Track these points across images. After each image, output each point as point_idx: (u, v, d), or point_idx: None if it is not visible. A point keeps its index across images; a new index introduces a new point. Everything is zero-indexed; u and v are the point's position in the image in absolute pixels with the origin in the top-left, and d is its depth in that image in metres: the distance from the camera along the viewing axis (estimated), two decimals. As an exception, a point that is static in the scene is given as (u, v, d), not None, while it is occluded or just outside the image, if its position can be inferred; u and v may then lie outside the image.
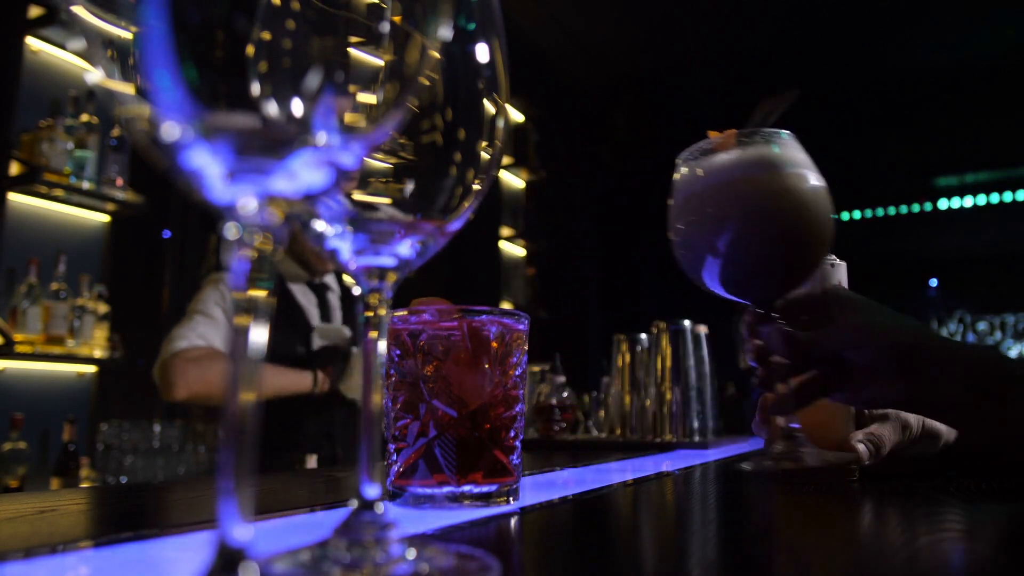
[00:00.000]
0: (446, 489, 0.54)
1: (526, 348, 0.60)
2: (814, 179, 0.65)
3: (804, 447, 0.62)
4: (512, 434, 0.57)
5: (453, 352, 0.55)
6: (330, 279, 2.04)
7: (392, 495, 0.56)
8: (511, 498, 0.56)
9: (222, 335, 1.77)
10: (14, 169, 2.22)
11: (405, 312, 0.57)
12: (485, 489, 0.55)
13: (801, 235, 0.64)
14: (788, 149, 0.66)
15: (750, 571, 0.38)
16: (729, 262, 0.66)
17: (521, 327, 0.59)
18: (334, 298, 2.02)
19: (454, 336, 0.56)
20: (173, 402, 1.76)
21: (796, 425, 0.63)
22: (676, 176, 0.71)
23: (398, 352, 0.56)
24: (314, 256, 1.93)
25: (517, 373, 0.58)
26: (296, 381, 1.80)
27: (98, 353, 2.39)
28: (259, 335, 0.26)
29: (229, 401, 0.26)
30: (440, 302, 0.59)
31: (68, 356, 2.31)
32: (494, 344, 0.57)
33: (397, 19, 0.29)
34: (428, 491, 0.54)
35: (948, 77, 4.93)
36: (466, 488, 0.54)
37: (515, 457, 0.57)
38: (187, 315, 1.82)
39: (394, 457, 0.56)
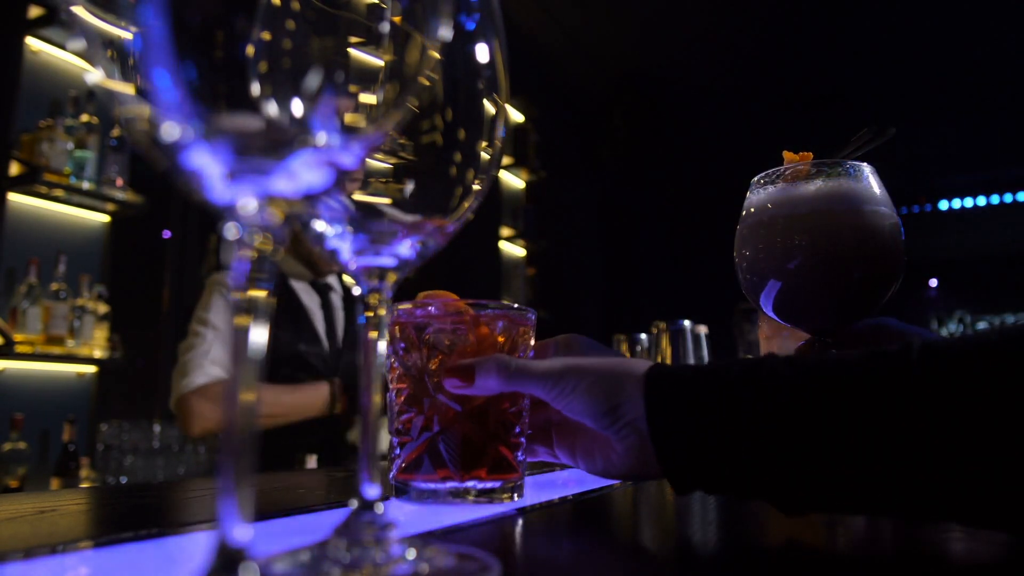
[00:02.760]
0: (450, 484, 0.53)
1: (532, 343, 0.59)
2: (891, 216, 0.64)
3: None
4: (517, 430, 0.56)
5: (458, 346, 0.54)
6: (333, 279, 2.03)
7: (395, 490, 0.55)
8: (515, 495, 0.55)
9: None
10: (14, 169, 2.22)
11: (410, 305, 0.56)
12: (489, 485, 0.54)
13: (874, 273, 0.63)
14: (869, 184, 0.65)
15: (750, 571, 0.38)
16: (794, 292, 0.64)
17: (527, 321, 0.58)
18: (336, 298, 2.02)
19: (460, 330, 0.55)
20: (193, 436, 1.76)
21: None
22: (748, 199, 0.70)
23: (403, 345, 0.55)
24: (320, 257, 1.93)
25: None
26: (313, 403, 1.79)
27: (98, 353, 2.39)
28: (259, 335, 0.26)
29: (229, 402, 0.26)
30: (446, 296, 0.58)
31: (68, 356, 2.31)
32: (500, 338, 0.56)
33: (397, 19, 0.29)
34: (431, 486, 0.53)
35: (948, 77, 4.93)
36: (470, 484, 0.53)
37: (520, 454, 0.56)
38: (195, 330, 1.78)
39: (397, 451, 0.55)
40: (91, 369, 2.52)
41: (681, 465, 0.45)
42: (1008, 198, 5.46)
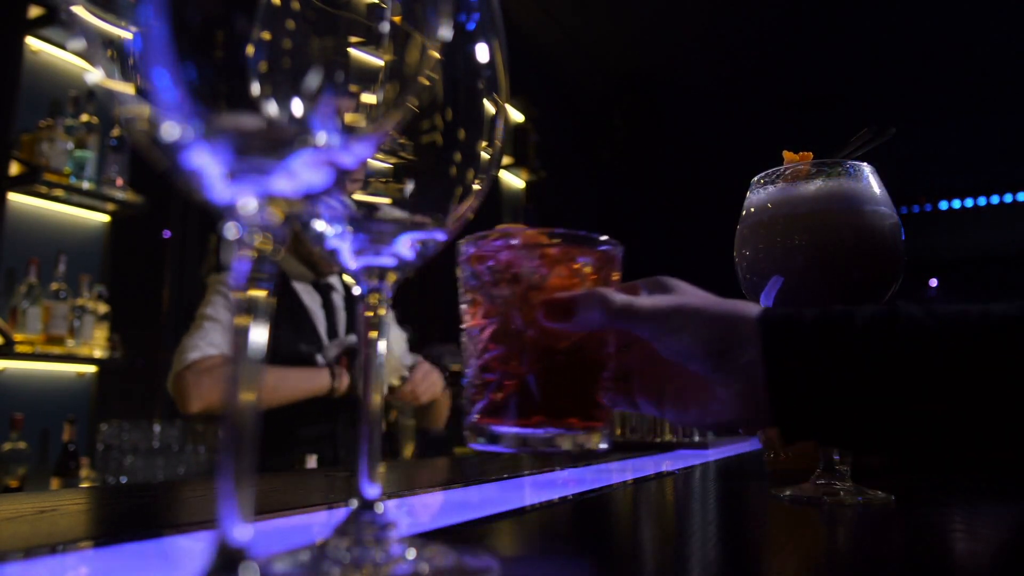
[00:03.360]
0: (543, 430, 0.48)
1: (620, 278, 0.54)
2: (891, 216, 0.64)
3: (844, 481, 0.60)
4: (606, 374, 0.51)
5: (551, 280, 0.49)
6: (335, 279, 2.04)
7: (474, 435, 0.50)
8: (604, 443, 0.50)
9: None
10: (14, 169, 2.22)
11: (495, 235, 0.51)
12: (582, 432, 0.49)
13: (874, 273, 0.63)
14: (869, 184, 0.65)
15: (750, 571, 0.38)
16: (795, 292, 0.64)
17: (616, 257, 0.53)
18: (338, 298, 2.02)
19: (552, 263, 0.50)
20: (189, 415, 1.74)
21: (837, 456, 0.62)
22: (748, 199, 0.69)
23: (490, 278, 0.50)
24: (321, 257, 1.93)
25: None
26: (313, 380, 1.79)
27: (98, 353, 2.39)
28: (259, 335, 0.26)
29: (229, 401, 0.26)
30: (523, 228, 0.52)
31: (68, 356, 2.31)
32: (590, 272, 0.51)
33: (397, 19, 0.29)
34: (522, 431, 0.48)
35: (948, 77, 4.93)
36: (563, 430, 0.48)
37: (607, 399, 0.51)
38: (196, 322, 1.80)
39: (475, 391, 0.50)
40: (91, 369, 2.52)
41: (798, 414, 0.43)
42: (1008, 198, 5.46)
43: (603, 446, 0.50)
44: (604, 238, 0.51)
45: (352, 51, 0.27)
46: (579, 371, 0.49)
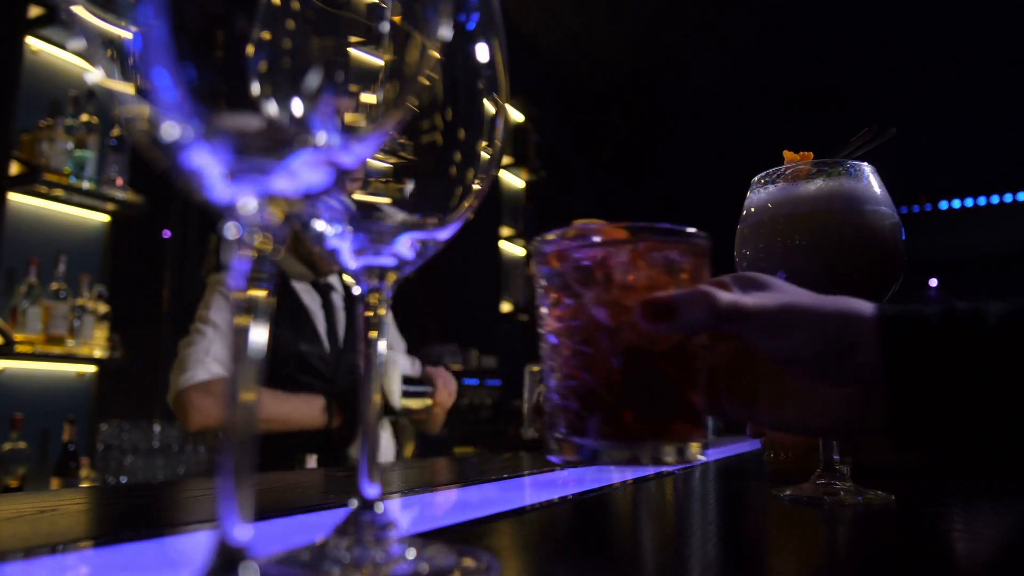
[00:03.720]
0: (643, 444, 0.43)
1: (710, 273, 0.50)
2: (891, 216, 0.64)
3: (844, 481, 0.60)
4: (702, 377, 0.46)
5: (645, 278, 0.45)
6: (334, 279, 2.04)
7: (563, 449, 0.45)
8: (703, 453, 0.46)
9: None
10: (14, 169, 2.22)
11: (574, 231, 0.47)
12: (681, 441, 0.44)
13: (875, 273, 0.63)
14: (869, 184, 0.64)
15: (750, 571, 0.38)
16: None
17: (708, 247, 0.49)
18: (338, 298, 2.02)
19: (647, 261, 0.46)
20: (191, 431, 1.75)
21: (837, 456, 0.62)
22: (749, 199, 0.69)
23: (576, 278, 0.46)
24: (320, 256, 1.93)
25: None
26: (309, 414, 1.79)
27: (98, 353, 2.39)
28: (259, 335, 0.26)
29: (229, 401, 0.26)
30: (601, 223, 0.49)
31: (68, 356, 2.31)
32: (683, 266, 0.47)
33: (397, 19, 0.29)
34: (619, 444, 0.43)
35: (948, 77, 4.93)
36: (664, 441, 0.43)
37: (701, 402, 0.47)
38: (195, 325, 1.79)
39: (557, 400, 0.45)
40: (91, 369, 2.52)
41: (918, 421, 0.41)
42: (1008, 198, 5.47)
43: (701, 457, 0.45)
44: (692, 230, 0.47)
45: (352, 51, 0.27)
46: (677, 375, 0.45)
